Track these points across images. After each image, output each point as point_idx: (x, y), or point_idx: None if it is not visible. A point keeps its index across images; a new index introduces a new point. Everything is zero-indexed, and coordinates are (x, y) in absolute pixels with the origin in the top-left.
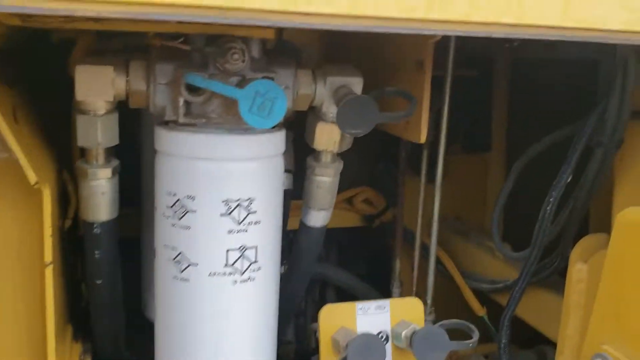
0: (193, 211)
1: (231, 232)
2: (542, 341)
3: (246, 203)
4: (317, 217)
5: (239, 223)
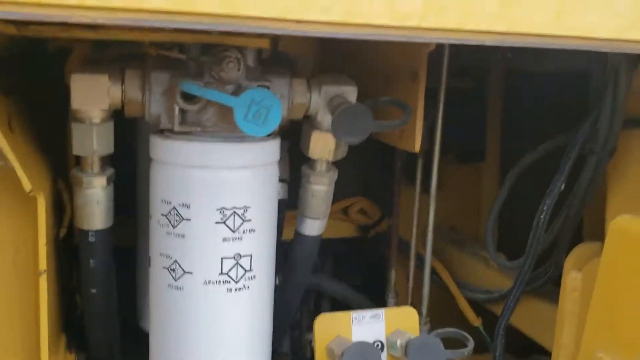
0: (188, 219)
1: (226, 240)
2: (537, 351)
3: (241, 211)
4: (312, 226)
5: (233, 231)
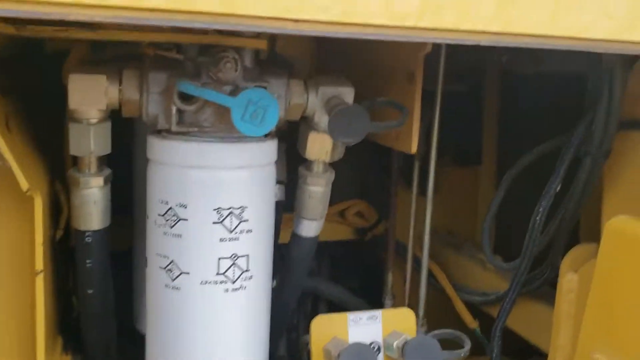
0: (185, 219)
1: (223, 240)
2: (534, 353)
3: (238, 211)
4: (310, 227)
5: (230, 231)
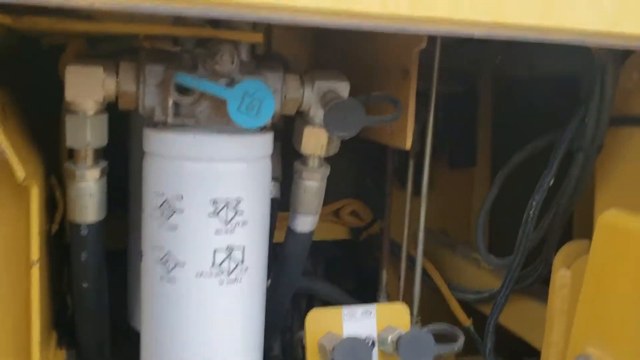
0: (181, 211)
1: (218, 232)
2: (528, 354)
3: (234, 203)
4: (305, 222)
5: (226, 223)
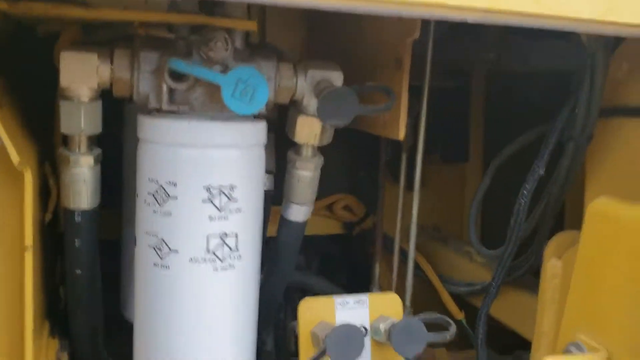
0: (174, 197)
1: (212, 218)
2: (520, 347)
3: (227, 190)
4: (298, 212)
5: (220, 210)
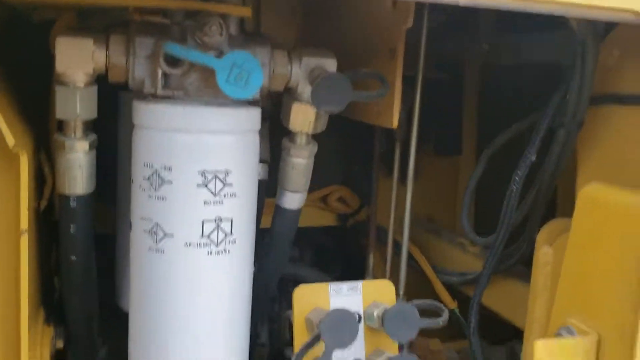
0: (169, 182)
1: (207, 203)
2: (512, 337)
3: (222, 175)
4: (292, 200)
5: (215, 195)
